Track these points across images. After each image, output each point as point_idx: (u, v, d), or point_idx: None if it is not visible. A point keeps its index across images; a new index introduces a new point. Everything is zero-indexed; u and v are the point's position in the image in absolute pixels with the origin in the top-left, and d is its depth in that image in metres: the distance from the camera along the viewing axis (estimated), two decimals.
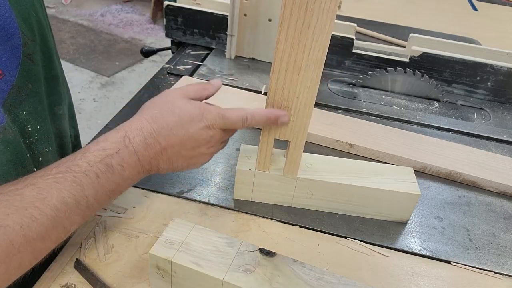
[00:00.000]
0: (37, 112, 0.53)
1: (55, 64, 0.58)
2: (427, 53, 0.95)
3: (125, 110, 0.82)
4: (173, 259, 0.45)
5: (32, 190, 0.40)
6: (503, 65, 0.94)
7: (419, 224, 0.63)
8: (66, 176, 0.43)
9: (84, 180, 0.43)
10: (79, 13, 3.71)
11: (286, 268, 0.46)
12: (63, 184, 0.42)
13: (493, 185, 0.71)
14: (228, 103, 0.81)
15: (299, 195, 0.61)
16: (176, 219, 0.49)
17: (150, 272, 0.47)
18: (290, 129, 0.54)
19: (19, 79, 0.48)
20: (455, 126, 0.87)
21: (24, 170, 0.50)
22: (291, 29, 0.46)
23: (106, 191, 0.45)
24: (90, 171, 0.44)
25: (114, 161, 0.46)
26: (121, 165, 0.46)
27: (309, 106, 0.52)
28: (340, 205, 0.61)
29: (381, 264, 0.56)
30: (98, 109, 2.53)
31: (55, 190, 0.41)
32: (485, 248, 0.60)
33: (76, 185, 0.43)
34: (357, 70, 1.01)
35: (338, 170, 0.61)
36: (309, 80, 0.50)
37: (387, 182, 0.60)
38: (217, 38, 1.05)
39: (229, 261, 0.45)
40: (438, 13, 1.57)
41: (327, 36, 0.47)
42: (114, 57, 3.08)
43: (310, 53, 0.48)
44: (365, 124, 0.82)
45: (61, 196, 0.41)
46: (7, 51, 0.46)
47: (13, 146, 0.48)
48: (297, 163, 0.58)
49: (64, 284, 0.49)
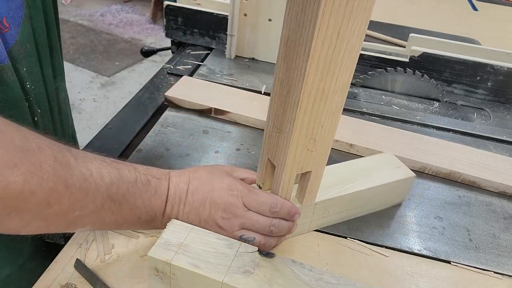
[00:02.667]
0: (33, 73, 0.55)
1: (54, 37, 0.59)
2: (427, 53, 0.95)
3: (125, 110, 0.82)
4: (172, 261, 0.44)
5: (78, 151, 0.42)
6: (503, 65, 0.94)
7: (419, 224, 0.63)
8: (111, 163, 0.44)
9: (124, 174, 0.45)
10: (79, 13, 3.71)
11: (285, 269, 0.46)
12: (107, 164, 0.44)
13: (493, 185, 0.71)
14: (228, 103, 0.82)
15: (316, 218, 0.58)
16: (175, 221, 0.49)
17: (149, 274, 0.47)
18: (313, 159, 0.49)
19: (20, 37, 0.51)
20: (455, 126, 0.87)
21: (19, 114, 0.52)
22: (322, 60, 0.40)
23: (132, 200, 0.45)
24: (132, 172, 0.46)
25: (153, 182, 0.47)
26: (156, 190, 0.47)
27: (332, 132, 0.48)
28: (350, 212, 0.61)
29: (381, 264, 0.56)
30: (98, 109, 2.52)
31: (97, 162, 0.43)
32: (485, 248, 0.60)
33: (117, 172, 0.44)
34: (357, 70, 1.01)
35: (338, 179, 0.59)
36: (334, 106, 0.45)
37: (383, 174, 0.61)
38: (217, 38, 1.05)
39: (228, 263, 0.45)
40: (438, 13, 1.57)
41: (355, 56, 0.43)
42: (114, 57, 3.07)
43: (338, 79, 0.43)
44: (365, 124, 0.82)
45: (101, 169, 0.42)
46: (12, 9, 0.49)
47: (9, 87, 0.50)
48: (316, 191, 0.54)
49: (64, 284, 0.49)
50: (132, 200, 0.45)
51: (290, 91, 0.44)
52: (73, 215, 0.40)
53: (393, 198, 0.64)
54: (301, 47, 0.40)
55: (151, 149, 0.71)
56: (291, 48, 0.42)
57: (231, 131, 0.78)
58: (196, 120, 0.80)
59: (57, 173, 0.37)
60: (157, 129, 0.76)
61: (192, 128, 0.78)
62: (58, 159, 0.38)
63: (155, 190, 0.47)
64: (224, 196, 0.49)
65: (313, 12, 0.38)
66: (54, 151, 0.38)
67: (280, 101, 0.46)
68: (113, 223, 0.45)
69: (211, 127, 0.79)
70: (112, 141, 0.73)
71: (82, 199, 0.40)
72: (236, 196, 0.50)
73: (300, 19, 0.39)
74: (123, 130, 0.76)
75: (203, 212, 0.49)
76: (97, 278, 0.49)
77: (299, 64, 0.41)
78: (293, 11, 0.40)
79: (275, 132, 0.48)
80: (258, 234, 0.51)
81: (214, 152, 0.72)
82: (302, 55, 0.40)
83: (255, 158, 0.72)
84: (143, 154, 0.70)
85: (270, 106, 0.48)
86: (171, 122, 0.79)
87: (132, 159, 0.68)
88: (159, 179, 0.48)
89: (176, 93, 0.83)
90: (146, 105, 0.84)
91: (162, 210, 0.48)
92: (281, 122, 0.47)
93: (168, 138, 0.74)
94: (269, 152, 0.51)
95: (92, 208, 0.42)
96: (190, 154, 0.71)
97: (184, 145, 0.73)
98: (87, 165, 0.41)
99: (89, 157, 0.43)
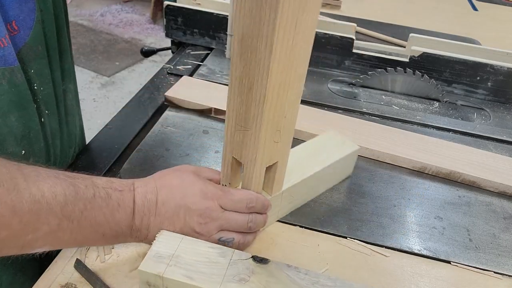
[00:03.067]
0: (42, 75, 0.55)
1: (65, 40, 0.60)
2: (427, 53, 0.95)
3: (125, 110, 0.82)
4: (165, 274, 0.43)
5: (30, 169, 0.41)
6: (503, 65, 0.94)
7: (419, 224, 0.63)
8: (67, 178, 0.43)
9: (81, 190, 0.43)
10: (79, 13, 3.71)
11: (281, 274, 0.45)
12: (61, 181, 0.42)
13: (493, 185, 0.71)
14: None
15: (283, 206, 0.60)
16: (164, 231, 0.47)
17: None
18: (278, 150, 0.50)
19: (31, 39, 0.51)
20: (455, 126, 0.87)
21: (27, 116, 0.53)
22: (283, 53, 0.41)
23: (92, 217, 0.43)
24: (90, 187, 0.44)
25: (114, 195, 0.45)
26: (118, 203, 0.45)
27: (294, 121, 0.49)
28: (311, 193, 0.64)
29: (381, 264, 0.56)
30: (98, 109, 2.53)
31: (51, 181, 0.41)
32: (485, 248, 0.60)
33: (72, 189, 0.42)
34: (357, 70, 1.01)
35: (294, 164, 0.60)
36: (294, 96, 0.46)
37: (333, 152, 0.64)
38: (217, 38, 1.05)
39: (222, 272, 0.44)
40: (438, 13, 1.57)
41: (310, 46, 0.43)
42: (114, 57, 3.07)
43: (296, 70, 0.44)
44: (365, 124, 0.82)
45: (54, 188, 0.41)
46: (23, 11, 0.50)
47: (18, 89, 0.50)
48: (283, 180, 0.56)
49: (64, 284, 0.49)
50: (92, 216, 0.43)
51: (252, 87, 0.43)
52: (26, 239, 0.39)
53: (345, 171, 0.69)
54: (260, 42, 0.40)
55: (151, 149, 0.71)
56: (247, 45, 0.42)
57: None
58: (196, 120, 0.80)
59: (2, 199, 0.37)
60: (157, 129, 0.76)
61: (192, 128, 0.78)
62: (4, 184, 0.37)
63: (117, 203, 0.45)
64: (199, 202, 0.49)
65: (271, 7, 0.37)
66: (1, 175, 0.37)
67: (241, 99, 0.45)
68: (73, 241, 0.44)
69: (211, 127, 0.79)
70: (112, 141, 0.73)
71: (33, 222, 0.39)
72: (211, 199, 0.49)
73: (256, 15, 0.39)
74: (123, 130, 0.76)
75: (177, 221, 0.48)
76: (97, 278, 0.49)
77: (261, 60, 0.41)
78: (245, 8, 0.40)
79: (239, 130, 0.48)
80: (236, 234, 0.51)
81: (214, 152, 0.72)
82: (263, 50, 0.40)
83: None
84: (143, 154, 0.70)
85: (229, 105, 0.47)
86: (171, 122, 0.79)
87: (132, 159, 0.68)
88: (121, 191, 0.46)
89: (176, 93, 0.83)
90: (146, 105, 0.84)
91: (128, 224, 0.46)
92: (245, 119, 0.46)
93: (168, 138, 0.74)
94: (233, 151, 0.50)
95: (46, 230, 0.40)
96: (190, 154, 0.71)
97: (184, 145, 0.73)
98: (39, 185, 0.40)
99: (41, 175, 0.41)
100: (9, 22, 0.48)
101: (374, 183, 0.70)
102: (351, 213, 0.63)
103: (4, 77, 0.48)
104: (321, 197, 0.65)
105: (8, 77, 0.49)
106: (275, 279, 0.44)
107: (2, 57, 0.47)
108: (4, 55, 0.48)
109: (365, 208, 0.64)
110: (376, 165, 0.74)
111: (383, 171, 0.73)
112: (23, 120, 0.52)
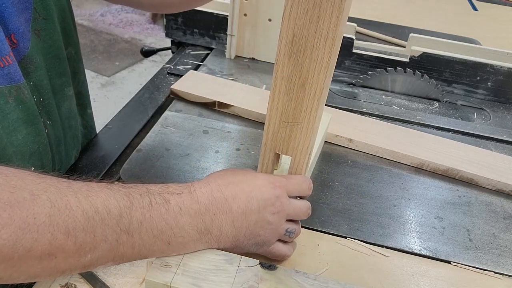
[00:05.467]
0: (42, 86, 0.54)
1: (70, 46, 0.60)
2: (427, 53, 0.95)
3: (125, 110, 0.82)
4: (172, 284, 0.42)
5: (81, 185, 0.38)
6: (503, 65, 0.94)
7: (419, 224, 0.63)
8: (120, 188, 0.41)
9: (136, 200, 0.40)
10: (79, 13, 3.71)
11: (290, 280, 0.44)
12: (114, 192, 0.39)
13: (490, 182, 0.71)
14: (232, 97, 0.83)
15: None
16: None
17: None
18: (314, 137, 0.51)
19: (31, 51, 0.51)
20: (455, 126, 0.87)
21: (36, 131, 0.52)
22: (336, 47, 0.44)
23: (153, 226, 0.41)
24: (145, 195, 0.41)
25: (172, 200, 0.43)
26: (180, 207, 0.43)
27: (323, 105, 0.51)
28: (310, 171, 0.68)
29: (381, 264, 0.56)
30: (98, 109, 2.51)
31: (103, 194, 0.39)
32: (485, 248, 0.60)
33: (127, 200, 0.40)
34: (357, 70, 1.01)
35: None
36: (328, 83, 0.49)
37: None
38: (217, 38, 1.05)
39: (231, 280, 0.43)
40: (438, 13, 1.57)
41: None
42: (114, 57, 3.08)
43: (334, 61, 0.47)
44: (365, 120, 0.83)
45: (107, 202, 0.38)
46: (22, 24, 0.49)
47: (26, 106, 0.50)
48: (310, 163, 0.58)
49: (64, 284, 0.48)
50: (152, 225, 0.41)
51: (305, 83, 0.45)
52: (85, 259, 0.37)
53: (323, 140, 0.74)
54: (318, 40, 0.42)
55: (151, 149, 0.71)
56: (300, 45, 0.43)
57: (231, 131, 0.78)
58: (196, 120, 0.80)
59: (54, 221, 0.34)
60: (157, 129, 0.76)
61: (192, 128, 0.78)
62: (55, 204, 0.35)
63: (178, 207, 0.43)
64: (269, 191, 0.47)
65: (335, 5, 0.40)
66: (51, 195, 0.35)
67: (289, 97, 0.47)
68: (137, 255, 0.41)
69: (211, 127, 0.79)
70: (112, 141, 0.73)
71: (90, 241, 0.37)
72: (279, 187, 0.48)
73: (314, 15, 0.41)
74: (123, 130, 0.76)
75: (251, 214, 0.46)
76: (97, 278, 0.49)
77: (318, 56, 0.43)
78: (299, 10, 0.41)
79: (284, 127, 0.49)
80: (296, 224, 0.51)
81: (214, 152, 0.72)
82: (322, 47, 0.42)
83: (255, 158, 0.72)
84: (143, 154, 0.70)
85: (273, 105, 0.48)
86: (171, 122, 0.79)
87: (132, 159, 0.68)
88: (180, 194, 0.44)
89: (182, 86, 0.86)
90: (146, 105, 0.84)
91: (195, 227, 0.43)
92: (293, 115, 0.48)
93: (168, 138, 0.74)
94: (276, 147, 0.51)
95: (105, 247, 0.38)
96: (190, 154, 0.71)
97: (184, 145, 0.73)
98: (91, 201, 0.37)
99: (93, 189, 0.39)
100: (8, 36, 0.47)
101: (374, 183, 0.70)
102: (351, 213, 0.63)
103: (10, 95, 0.47)
104: (321, 197, 0.65)
105: (15, 95, 0.47)
106: (284, 286, 0.43)
107: (7, 75, 0.46)
108: (9, 72, 0.46)
109: (365, 208, 0.64)
110: (376, 163, 0.74)
111: (383, 171, 0.73)
112: (31, 136, 0.51)
